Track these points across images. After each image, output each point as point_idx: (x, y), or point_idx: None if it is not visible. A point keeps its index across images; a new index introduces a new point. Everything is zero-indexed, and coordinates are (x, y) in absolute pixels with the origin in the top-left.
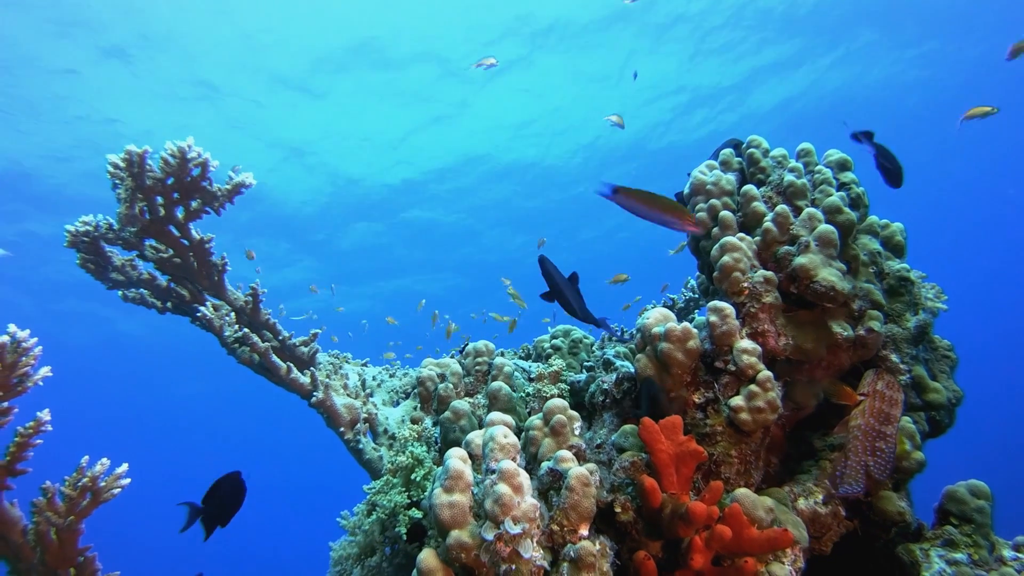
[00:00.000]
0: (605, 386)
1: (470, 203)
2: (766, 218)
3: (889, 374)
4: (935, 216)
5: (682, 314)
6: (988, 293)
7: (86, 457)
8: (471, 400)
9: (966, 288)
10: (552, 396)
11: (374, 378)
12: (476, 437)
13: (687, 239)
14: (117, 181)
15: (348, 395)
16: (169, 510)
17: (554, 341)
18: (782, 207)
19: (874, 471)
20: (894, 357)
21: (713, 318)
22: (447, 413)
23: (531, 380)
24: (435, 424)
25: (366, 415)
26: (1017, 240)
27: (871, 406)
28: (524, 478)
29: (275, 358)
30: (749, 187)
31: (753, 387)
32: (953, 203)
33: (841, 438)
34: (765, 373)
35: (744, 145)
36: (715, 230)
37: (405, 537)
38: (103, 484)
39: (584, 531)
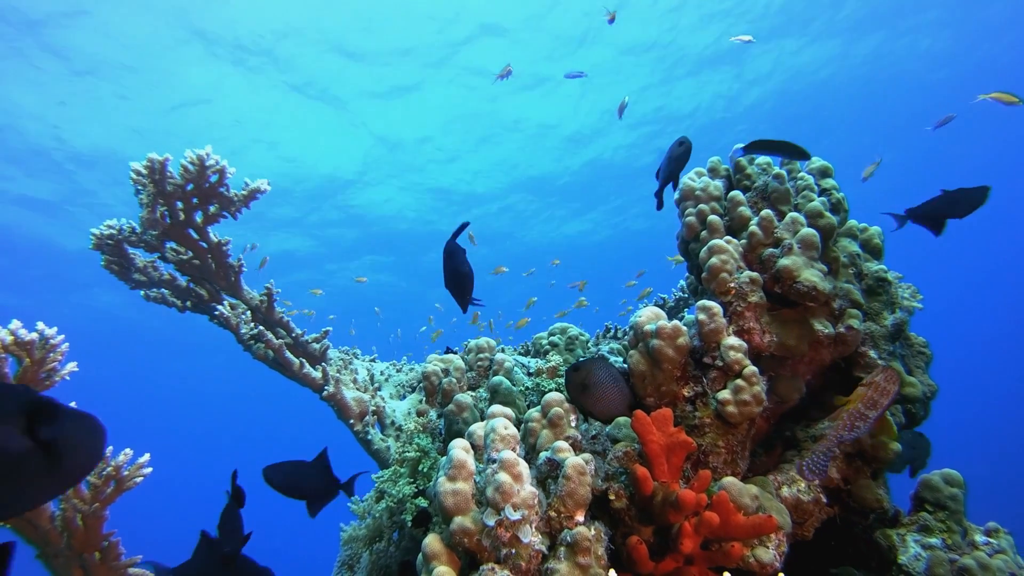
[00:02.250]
0: None
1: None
2: (751, 222)
3: (892, 370)
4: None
5: (672, 312)
6: (964, 292)
7: (110, 448)
8: (473, 394)
9: (942, 288)
10: (550, 390)
11: (382, 373)
12: (478, 429)
13: (677, 243)
14: (140, 187)
15: (357, 389)
16: (180, 501)
17: (551, 338)
18: (767, 211)
19: (845, 439)
20: (872, 353)
21: (702, 316)
22: (451, 406)
23: (530, 375)
24: (439, 416)
25: (374, 408)
26: (993, 243)
27: (864, 394)
28: (523, 467)
29: (289, 354)
30: (735, 192)
31: (739, 381)
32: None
33: (825, 428)
34: (751, 368)
35: (732, 153)
36: (703, 233)
37: (411, 525)
38: (126, 473)
39: (580, 517)
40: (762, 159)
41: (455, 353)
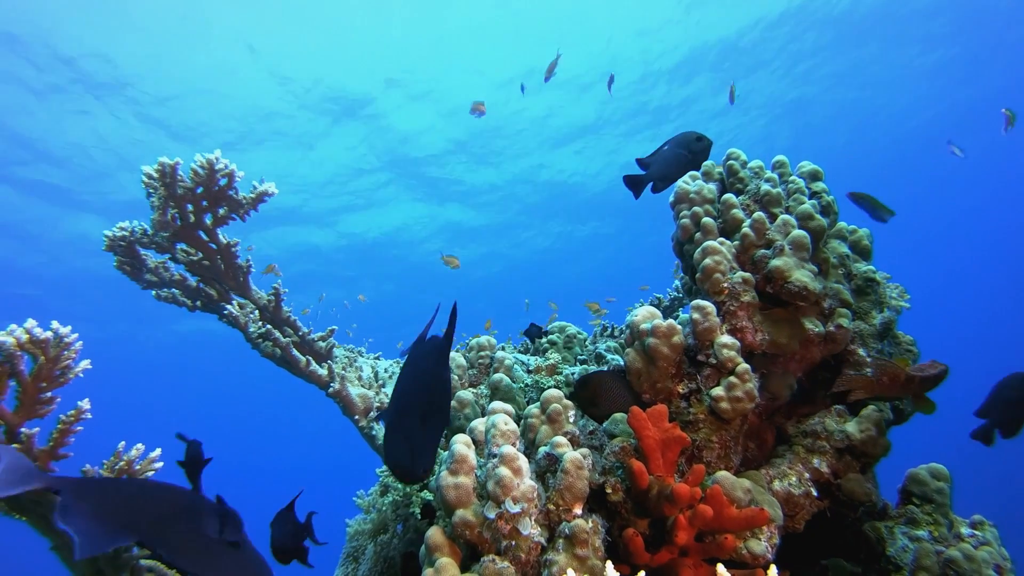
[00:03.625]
0: None
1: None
2: (744, 224)
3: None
4: (899, 222)
5: (667, 312)
6: (948, 292)
7: (122, 443)
8: (474, 390)
9: (928, 288)
10: (549, 387)
11: (386, 370)
12: (479, 424)
13: (672, 244)
14: (151, 190)
15: (362, 386)
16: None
17: (551, 337)
18: (759, 214)
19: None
20: (861, 351)
21: (696, 315)
22: (452, 402)
23: (530, 372)
24: None
25: (378, 404)
26: (974, 243)
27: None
28: (523, 462)
29: (296, 352)
30: (728, 196)
31: (732, 379)
32: (916, 209)
33: (816, 424)
34: (743, 366)
35: (724, 158)
36: (697, 235)
37: (420, 516)
38: (138, 467)
39: (578, 510)
40: (755, 163)
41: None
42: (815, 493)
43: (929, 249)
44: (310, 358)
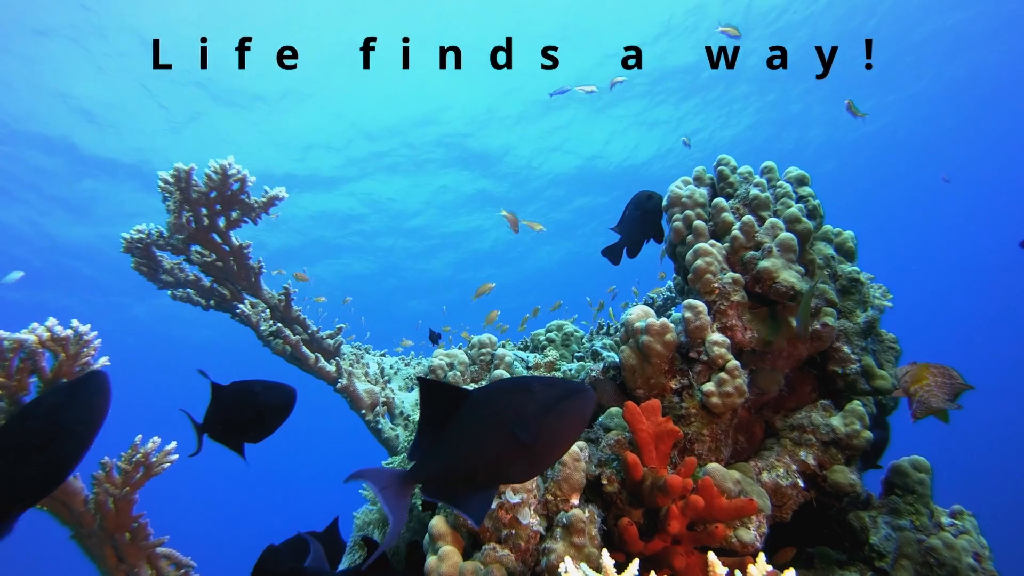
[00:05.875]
0: (593, 374)
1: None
2: (734, 227)
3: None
4: (885, 223)
5: (661, 311)
6: (932, 291)
7: (139, 436)
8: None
9: (912, 287)
10: None
11: (391, 367)
12: None
13: (665, 246)
14: (167, 194)
15: (369, 382)
16: (196, 487)
17: (549, 334)
18: (748, 217)
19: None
20: (846, 348)
21: (688, 314)
22: None
23: (529, 369)
24: None
25: (384, 399)
26: (959, 243)
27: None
28: None
29: (305, 349)
30: (719, 200)
31: (723, 375)
32: (902, 211)
33: (803, 418)
34: (733, 362)
35: (715, 163)
36: (689, 237)
37: (421, 508)
38: (154, 459)
39: (575, 501)
40: (744, 168)
41: (439, 336)
42: (802, 484)
43: (917, 249)
44: (319, 355)
